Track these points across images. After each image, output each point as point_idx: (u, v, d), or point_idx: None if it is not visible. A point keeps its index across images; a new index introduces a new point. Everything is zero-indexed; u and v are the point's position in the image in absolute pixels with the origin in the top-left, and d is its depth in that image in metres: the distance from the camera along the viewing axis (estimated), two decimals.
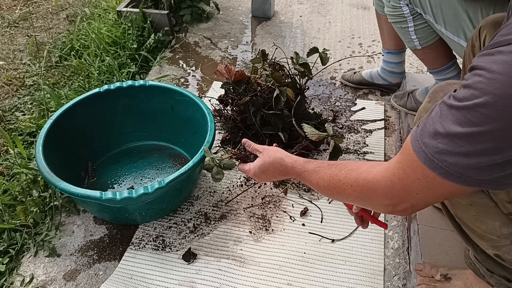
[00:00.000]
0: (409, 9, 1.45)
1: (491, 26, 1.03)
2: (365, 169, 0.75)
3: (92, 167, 1.54)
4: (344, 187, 0.78)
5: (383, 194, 0.70)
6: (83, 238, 1.36)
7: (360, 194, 0.75)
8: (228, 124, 1.69)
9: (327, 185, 0.84)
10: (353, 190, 0.76)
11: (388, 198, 0.70)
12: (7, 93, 1.99)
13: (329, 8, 2.67)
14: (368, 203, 0.77)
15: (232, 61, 2.22)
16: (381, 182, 0.70)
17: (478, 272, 0.97)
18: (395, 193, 0.68)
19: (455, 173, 0.57)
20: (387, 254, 1.29)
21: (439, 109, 0.59)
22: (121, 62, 2.08)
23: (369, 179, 0.72)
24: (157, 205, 1.34)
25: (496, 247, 0.83)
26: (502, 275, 0.91)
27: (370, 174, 0.72)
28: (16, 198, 1.44)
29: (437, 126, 0.58)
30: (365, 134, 1.71)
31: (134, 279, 1.24)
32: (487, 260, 0.92)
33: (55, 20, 2.59)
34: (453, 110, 0.56)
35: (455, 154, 0.56)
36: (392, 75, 1.87)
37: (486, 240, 0.85)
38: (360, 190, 0.75)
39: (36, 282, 1.24)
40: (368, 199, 0.74)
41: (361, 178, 0.74)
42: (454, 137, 0.55)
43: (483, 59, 0.55)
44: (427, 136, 0.59)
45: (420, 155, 0.60)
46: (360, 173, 0.75)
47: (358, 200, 0.78)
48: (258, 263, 1.27)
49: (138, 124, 1.62)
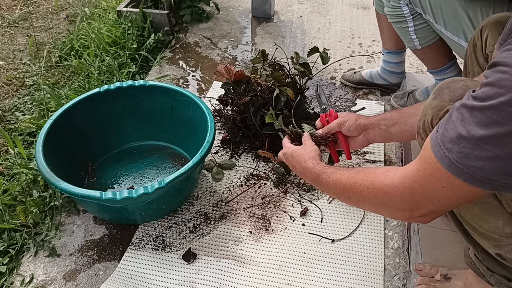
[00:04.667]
0: (409, 9, 1.45)
1: (493, 25, 1.02)
2: (381, 172, 0.73)
3: (92, 167, 1.54)
4: (360, 189, 0.77)
5: (401, 199, 0.68)
6: (83, 238, 1.36)
7: (376, 198, 0.73)
8: (228, 124, 1.69)
9: (343, 187, 0.83)
10: (369, 192, 0.74)
11: (406, 203, 0.67)
12: (7, 93, 1.99)
13: (329, 8, 2.67)
14: (384, 208, 0.74)
15: (232, 61, 2.22)
16: (399, 188, 0.68)
17: (478, 272, 0.97)
18: (415, 199, 0.66)
19: (482, 178, 0.54)
20: (387, 254, 1.29)
21: (458, 112, 0.56)
22: (121, 62, 2.08)
23: (386, 183, 0.70)
24: (157, 205, 1.34)
25: (498, 246, 0.83)
26: (503, 275, 0.91)
27: (387, 178, 0.70)
28: (16, 198, 1.44)
29: (460, 130, 0.55)
30: None
31: (134, 279, 1.24)
32: (488, 259, 0.92)
33: (55, 20, 2.59)
34: (475, 112, 0.53)
35: (481, 159, 0.53)
36: (392, 75, 1.87)
37: (488, 239, 0.84)
38: (376, 193, 0.73)
39: (36, 282, 1.24)
40: (384, 203, 0.72)
41: (378, 181, 0.72)
42: (479, 141, 0.52)
43: (506, 54, 0.52)
44: (450, 141, 0.56)
45: (444, 161, 0.57)
46: (377, 176, 0.73)
47: (374, 204, 0.76)
48: (258, 263, 1.27)
49: (138, 124, 1.62)
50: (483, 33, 1.05)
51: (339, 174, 0.86)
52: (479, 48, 1.06)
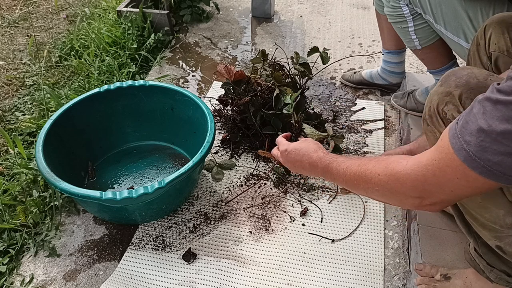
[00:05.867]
0: (409, 9, 1.45)
1: (497, 24, 1.02)
2: (394, 159, 0.73)
3: (92, 167, 1.54)
4: (371, 175, 0.76)
5: (412, 187, 0.67)
6: (83, 238, 1.36)
7: (387, 185, 0.73)
8: (228, 124, 1.69)
9: (354, 174, 0.82)
10: (380, 179, 0.74)
11: (417, 191, 0.67)
12: (7, 93, 1.99)
13: (329, 8, 2.67)
14: (394, 196, 0.74)
15: (232, 61, 2.22)
16: (411, 176, 0.67)
17: (477, 268, 0.97)
18: (426, 188, 0.65)
19: (498, 173, 0.54)
20: (387, 254, 1.29)
21: (480, 105, 0.56)
22: (121, 62, 2.08)
23: (398, 170, 0.70)
24: (157, 205, 1.34)
25: (498, 238, 0.82)
26: (502, 270, 0.91)
27: (400, 165, 0.70)
28: (16, 198, 1.44)
29: (481, 123, 0.54)
30: (365, 134, 1.71)
31: (134, 279, 1.24)
32: (488, 253, 0.92)
33: (55, 20, 2.59)
34: (499, 106, 0.52)
35: (500, 153, 0.52)
36: (392, 75, 1.87)
37: (489, 230, 0.83)
38: (387, 180, 0.72)
39: (36, 282, 1.24)
40: (395, 191, 0.72)
41: (390, 168, 0.72)
42: (499, 135, 0.52)
43: None
44: (469, 134, 0.56)
45: (460, 153, 0.57)
46: (390, 163, 0.73)
47: (384, 191, 0.75)
48: (258, 263, 1.27)
49: (138, 124, 1.62)
50: (487, 32, 1.05)
51: (351, 161, 0.85)
52: (482, 47, 1.06)
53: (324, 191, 1.48)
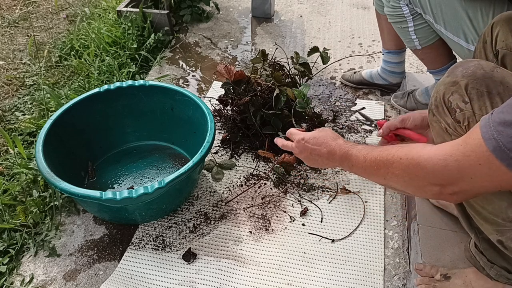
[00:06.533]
0: (409, 9, 1.45)
1: (504, 22, 1.02)
2: (418, 145, 0.73)
3: (92, 167, 1.54)
4: (392, 160, 0.76)
5: (433, 172, 0.67)
6: (83, 238, 1.36)
7: (408, 169, 0.72)
8: (228, 124, 1.69)
9: (374, 159, 0.81)
10: (401, 163, 0.73)
11: (437, 177, 0.67)
12: (7, 93, 1.99)
13: (329, 8, 2.67)
14: (413, 182, 0.73)
15: (232, 61, 2.22)
16: (433, 159, 0.67)
17: (478, 265, 0.97)
18: (447, 173, 0.65)
19: None
20: (387, 254, 1.29)
21: None
22: (121, 62, 2.08)
23: (421, 154, 0.70)
24: (157, 205, 1.34)
25: (500, 232, 0.82)
26: (503, 266, 0.90)
27: (423, 150, 0.70)
28: (16, 198, 1.44)
29: None
30: (365, 134, 1.71)
31: (134, 279, 1.24)
32: (489, 249, 0.91)
33: (55, 20, 2.59)
34: None
35: None
36: (392, 75, 1.87)
37: (491, 223, 0.83)
38: (408, 164, 0.72)
39: (36, 282, 1.24)
40: (414, 176, 0.71)
41: (414, 152, 0.72)
42: None
43: None
44: (502, 124, 0.55)
45: (490, 142, 0.57)
46: (413, 147, 0.73)
47: (403, 176, 0.74)
48: (258, 263, 1.27)
49: (138, 124, 1.62)
50: (494, 30, 1.04)
51: (371, 148, 0.85)
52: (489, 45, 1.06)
53: (324, 191, 1.48)
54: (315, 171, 1.55)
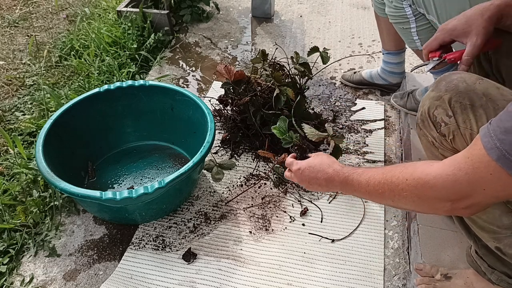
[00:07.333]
0: (411, 10, 1.44)
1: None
2: (422, 163, 0.71)
3: (92, 167, 1.54)
4: (398, 182, 0.73)
5: (443, 188, 0.65)
6: (83, 238, 1.36)
7: (415, 190, 0.70)
8: (228, 124, 1.69)
9: (378, 183, 0.79)
10: (408, 184, 0.71)
11: (448, 193, 0.65)
12: (7, 93, 1.99)
13: (329, 8, 2.67)
14: (424, 202, 0.71)
15: (232, 61, 2.22)
16: (442, 176, 0.65)
17: (479, 270, 0.97)
18: (457, 188, 0.63)
19: None
20: (387, 254, 1.29)
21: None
22: (121, 62, 2.08)
23: (428, 172, 0.68)
24: (157, 205, 1.34)
25: (497, 239, 0.82)
26: (503, 271, 0.91)
27: (430, 168, 0.68)
28: (16, 198, 1.44)
29: None
30: (365, 134, 1.71)
31: (134, 279, 1.24)
32: (488, 255, 0.92)
33: (55, 20, 2.59)
34: None
35: None
36: (392, 75, 1.87)
37: (487, 232, 0.84)
38: (415, 185, 0.70)
39: (36, 282, 1.24)
40: (424, 195, 0.70)
41: (419, 171, 0.70)
42: None
43: None
44: (503, 132, 0.55)
45: (493, 152, 0.56)
46: (418, 167, 0.71)
47: (412, 197, 0.72)
48: (258, 263, 1.27)
49: (138, 124, 1.62)
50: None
51: (373, 171, 0.83)
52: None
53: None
54: None
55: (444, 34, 0.97)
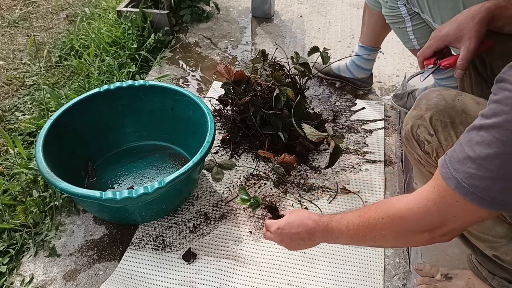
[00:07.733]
0: (406, 9, 1.44)
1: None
2: (394, 200, 0.72)
3: (92, 167, 1.54)
4: (375, 222, 0.74)
5: (417, 221, 0.67)
6: (83, 238, 1.36)
7: (392, 226, 0.71)
8: (228, 124, 1.69)
9: (356, 226, 0.79)
10: (384, 223, 0.72)
11: (422, 225, 0.66)
12: (7, 93, 1.99)
13: (329, 8, 2.67)
14: (402, 237, 0.72)
15: (232, 61, 2.22)
16: (414, 209, 0.67)
17: (480, 276, 0.97)
18: (430, 218, 0.65)
19: (488, 198, 0.54)
20: (387, 254, 1.29)
21: (467, 133, 0.57)
22: (121, 62, 2.08)
23: (400, 208, 0.69)
24: (157, 205, 1.34)
25: (493, 248, 0.83)
26: (503, 277, 0.91)
27: (401, 203, 0.69)
28: (16, 198, 1.44)
29: (467, 150, 0.56)
30: (365, 134, 1.71)
31: (134, 279, 1.24)
32: (487, 262, 0.92)
33: (55, 20, 2.59)
34: (481, 131, 0.54)
35: (486, 179, 0.53)
36: (359, 70, 1.88)
37: (483, 241, 0.85)
38: (391, 222, 0.71)
39: (36, 282, 1.24)
40: (401, 230, 0.71)
41: (392, 208, 0.71)
42: (483, 160, 0.53)
43: None
44: (457, 162, 0.57)
45: (451, 181, 0.58)
46: (390, 204, 0.72)
47: (391, 234, 0.73)
48: (258, 263, 1.27)
49: (138, 124, 1.62)
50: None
51: (349, 215, 0.83)
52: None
53: (324, 191, 1.48)
54: (315, 171, 1.55)
55: (437, 41, 0.97)
